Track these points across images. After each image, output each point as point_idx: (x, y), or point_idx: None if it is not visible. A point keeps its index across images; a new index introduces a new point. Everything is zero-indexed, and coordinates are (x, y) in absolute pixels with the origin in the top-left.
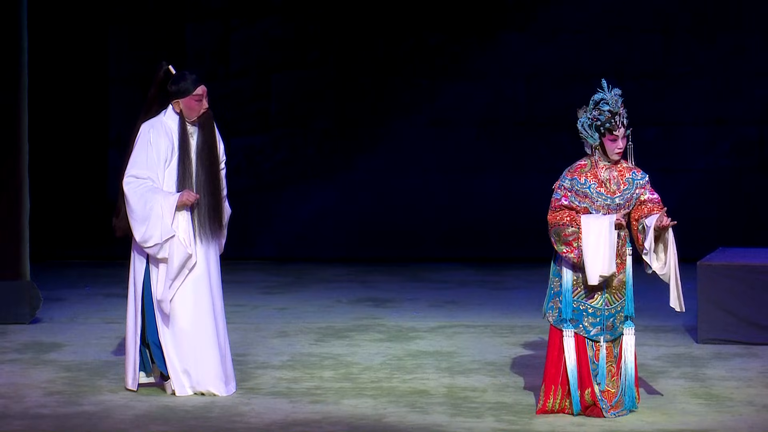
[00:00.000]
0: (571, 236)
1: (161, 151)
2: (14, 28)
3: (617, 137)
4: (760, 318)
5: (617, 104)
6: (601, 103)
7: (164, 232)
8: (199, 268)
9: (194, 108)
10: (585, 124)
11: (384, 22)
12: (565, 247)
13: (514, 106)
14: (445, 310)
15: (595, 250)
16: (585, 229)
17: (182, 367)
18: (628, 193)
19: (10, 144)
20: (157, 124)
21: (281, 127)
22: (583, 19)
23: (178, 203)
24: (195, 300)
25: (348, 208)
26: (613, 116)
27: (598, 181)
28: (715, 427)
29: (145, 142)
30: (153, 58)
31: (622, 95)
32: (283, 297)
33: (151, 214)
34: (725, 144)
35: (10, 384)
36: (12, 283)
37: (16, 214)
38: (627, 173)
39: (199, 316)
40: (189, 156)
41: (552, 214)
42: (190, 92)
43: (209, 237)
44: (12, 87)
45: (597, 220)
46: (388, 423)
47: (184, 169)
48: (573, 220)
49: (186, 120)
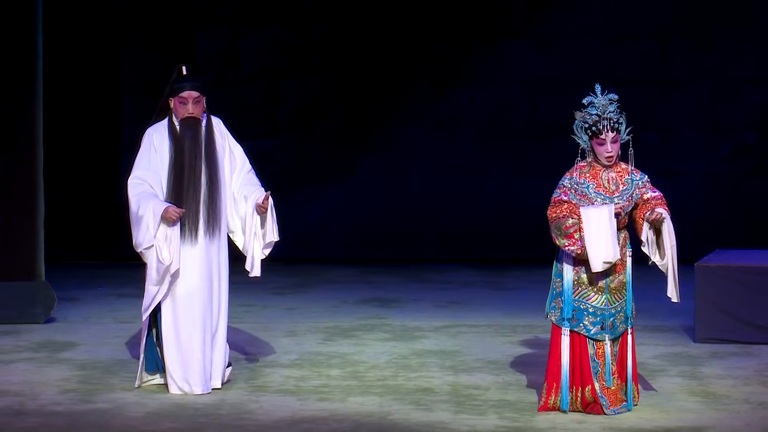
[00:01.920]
0: (572, 228)
1: (165, 154)
2: (30, 34)
3: (605, 141)
4: (755, 318)
5: (606, 109)
6: (589, 107)
7: (147, 241)
8: (201, 267)
9: (178, 109)
10: (577, 125)
11: (389, 29)
12: (566, 240)
13: (515, 111)
14: (449, 310)
15: (597, 238)
16: (585, 218)
17: (172, 365)
18: (627, 194)
19: (26, 147)
20: (161, 127)
21: (289, 131)
22: (583, 26)
23: (162, 215)
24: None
25: (354, 211)
26: (600, 120)
27: (597, 182)
28: (713, 424)
29: (147, 144)
30: (165, 64)
31: (617, 102)
32: (291, 297)
33: (141, 221)
34: (722, 148)
35: (26, 382)
36: (27, 283)
37: (31, 217)
38: (626, 174)
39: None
40: (184, 156)
41: (551, 209)
42: (177, 93)
43: (210, 236)
44: (27, 92)
45: (596, 208)
46: (394, 420)
47: (178, 168)
48: (572, 212)
49: (177, 119)
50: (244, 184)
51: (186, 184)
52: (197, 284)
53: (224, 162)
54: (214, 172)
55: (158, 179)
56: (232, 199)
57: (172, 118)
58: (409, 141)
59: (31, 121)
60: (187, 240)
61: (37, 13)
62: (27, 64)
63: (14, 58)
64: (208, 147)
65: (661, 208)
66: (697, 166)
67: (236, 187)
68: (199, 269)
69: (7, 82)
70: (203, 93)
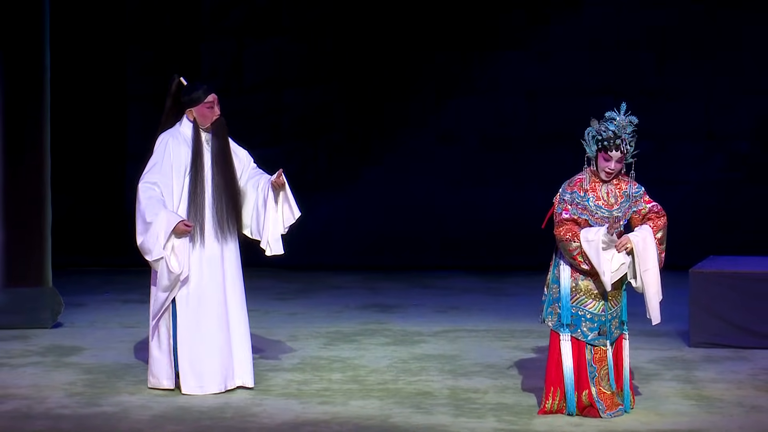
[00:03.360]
0: (575, 251)
1: (181, 160)
2: (37, 47)
3: (611, 158)
4: (748, 323)
5: (624, 130)
6: (609, 122)
7: (156, 252)
8: (215, 268)
9: (207, 115)
10: (590, 134)
11: (391, 40)
12: (575, 261)
13: (516, 121)
14: (449, 315)
15: (599, 258)
16: (584, 244)
17: (190, 365)
18: (625, 206)
19: (34, 156)
20: (175, 133)
21: (292, 140)
22: (582, 38)
23: (174, 229)
24: (210, 299)
25: (356, 218)
26: (614, 138)
27: (597, 195)
28: (707, 427)
29: (162, 149)
30: (170, 75)
31: (635, 126)
32: (293, 302)
33: (150, 228)
34: (716, 157)
35: (33, 385)
36: (35, 289)
37: (39, 224)
38: (624, 186)
39: (213, 315)
40: (203, 162)
41: (557, 229)
42: (201, 100)
43: (227, 236)
44: (35, 103)
45: (592, 232)
46: (394, 423)
47: (196, 174)
48: (575, 235)
49: (200, 127)
50: (251, 177)
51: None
52: (211, 287)
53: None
54: (233, 174)
55: (169, 185)
56: (242, 196)
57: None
58: (411, 150)
59: (39, 130)
60: (204, 242)
61: (44, 26)
62: (35, 75)
63: (23, 69)
64: (227, 149)
65: (641, 232)
66: (691, 175)
67: (243, 181)
68: (216, 266)
69: (16, 93)
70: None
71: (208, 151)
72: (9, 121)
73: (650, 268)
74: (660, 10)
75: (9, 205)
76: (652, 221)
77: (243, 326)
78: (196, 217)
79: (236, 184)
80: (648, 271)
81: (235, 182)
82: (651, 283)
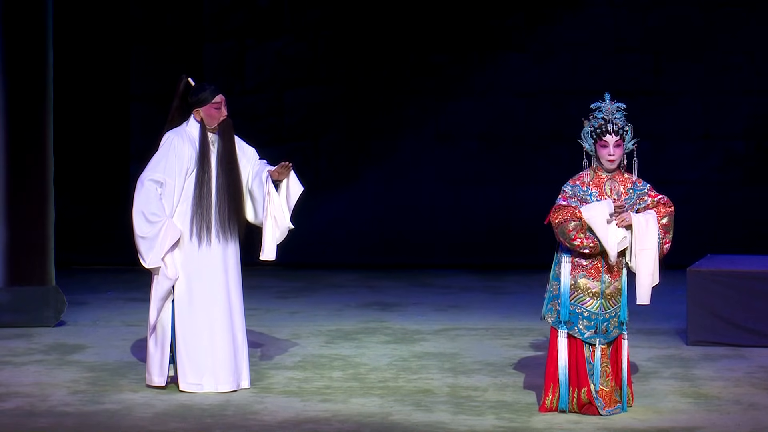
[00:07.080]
0: (574, 230)
1: (184, 159)
2: (41, 47)
3: (608, 144)
4: (746, 321)
5: (612, 114)
6: (596, 111)
7: (154, 261)
8: (216, 268)
9: (214, 116)
10: (584, 131)
11: (391, 41)
12: (575, 242)
13: (514, 122)
14: (449, 313)
15: (604, 230)
16: (587, 216)
17: (192, 364)
18: (630, 202)
19: (37, 156)
20: (181, 132)
21: (294, 141)
22: (579, 39)
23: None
24: (211, 298)
25: (357, 217)
26: (605, 123)
27: (600, 190)
28: (704, 424)
29: (167, 148)
30: (172, 76)
31: (623, 111)
32: (294, 301)
33: (152, 235)
34: (713, 158)
35: (36, 383)
36: (38, 288)
37: (42, 224)
38: (628, 183)
39: (215, 314)
40: (209, 162)
41: (553, 214)
42: (209, 101)
43: (228, 237)
44: (39, 102)
45: (596, 205)
46: (395, 421)
47: (203, 174)
48: (573, 215)
49: (207, 128)
50: (256, 173)
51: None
52: (212, 287)
53: (242, 162)
54: (237, 175)
55: (172, 184)
56: (247, 192)
57: (194, 124)
58: (411, 150)
59: (42, 130)
60: (210, 242)
61: (47, 26)
62: (38, 75)
63: (26, 69)
64: (233, 150)
65: (645, 214)
66: (689, 175)
67: (250, 177)
68: (218, 266)
69: (19, 93)
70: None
71: (214, 151)
72: (12, 121)
73: (647, 248)
74: (657, 12)
75: (12, 204)
76: (658, 208)
77: (241, 326)
78: (203, 217)
79: (240, 185)
80: (645, 251)
81: (239, 184)
82: (645, 264)
